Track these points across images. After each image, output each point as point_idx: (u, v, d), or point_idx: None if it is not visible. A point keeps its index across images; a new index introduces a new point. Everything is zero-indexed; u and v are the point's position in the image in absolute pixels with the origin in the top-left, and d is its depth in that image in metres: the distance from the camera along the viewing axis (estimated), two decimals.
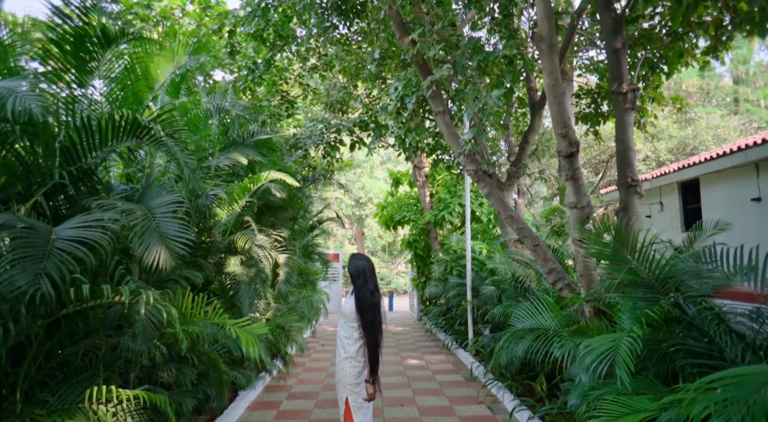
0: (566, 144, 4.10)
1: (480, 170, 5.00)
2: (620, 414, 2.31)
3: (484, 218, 12.74)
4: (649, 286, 2.90)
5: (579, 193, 4.21)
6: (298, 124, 11.75)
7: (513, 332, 4.27)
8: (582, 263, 4.32)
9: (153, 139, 3.19)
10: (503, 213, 4.98)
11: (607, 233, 3.10)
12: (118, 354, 3.06)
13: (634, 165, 4.54)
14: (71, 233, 2.40)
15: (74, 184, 3.12)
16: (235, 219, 5.84)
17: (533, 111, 7.68)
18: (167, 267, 2.95)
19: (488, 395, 6.12)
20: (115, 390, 2.48)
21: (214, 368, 4.50)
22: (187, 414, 4.17)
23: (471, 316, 8.66)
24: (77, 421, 2.40)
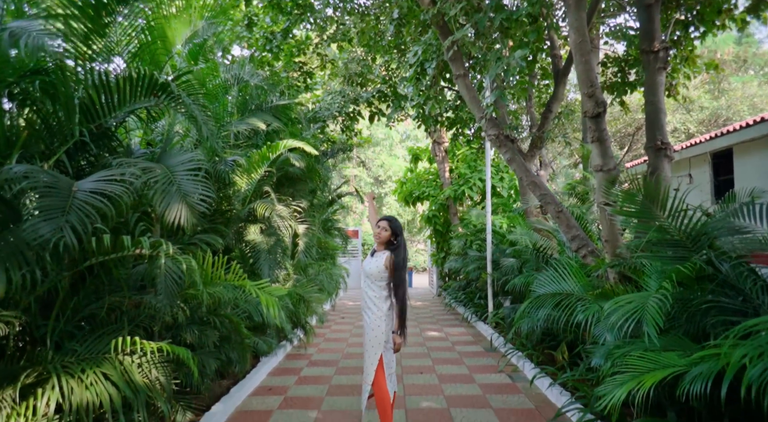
0: (593, 104, 3.95)
1: (501, 135, 4.87)
2: (647, 370, 2.24)
3: (505, 193, 12.56)
4: (679, 244, 2.79)
5: (605, 155, 4.07)
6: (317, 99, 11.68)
7: (535, 298, 4.21)
8: (607, 228, 4.21)
9: (171, 97, 3.17)
10: (526, 179, 4.86)
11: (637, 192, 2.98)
12: (141, 310, 3.11)
13: (664, 127, 4.36)
14: (92, 186, 2.41)
15: (95, 143, 3.13)
16: (254, 188, 5.86)
17: (557, 79, 7.42)
18: (188, 225, 2.95)
19: (508, 364, 6.10)
20: (140, 342, 2.52)
21: (235, 332, 4.57)
22: (210, 375, 4.26)
23: (491, 289, 8.61)
24: (105, 369, 2.45)
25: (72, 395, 2.32)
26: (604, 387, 2.33)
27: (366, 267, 3.67)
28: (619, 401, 2.18)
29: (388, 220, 3.70)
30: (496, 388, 5.20)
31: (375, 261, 3.64)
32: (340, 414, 4.42)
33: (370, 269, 3.63)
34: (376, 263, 3.62)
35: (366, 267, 3.67)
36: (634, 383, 2.20)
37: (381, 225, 3.69)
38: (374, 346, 3.55)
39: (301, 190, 7.62)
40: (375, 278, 3.60)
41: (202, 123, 3.18)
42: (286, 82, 7.55)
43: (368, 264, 3.68)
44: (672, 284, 2.50)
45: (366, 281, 3.68)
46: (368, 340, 3.58)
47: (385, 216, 3.74)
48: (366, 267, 3.67)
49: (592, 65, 3.94)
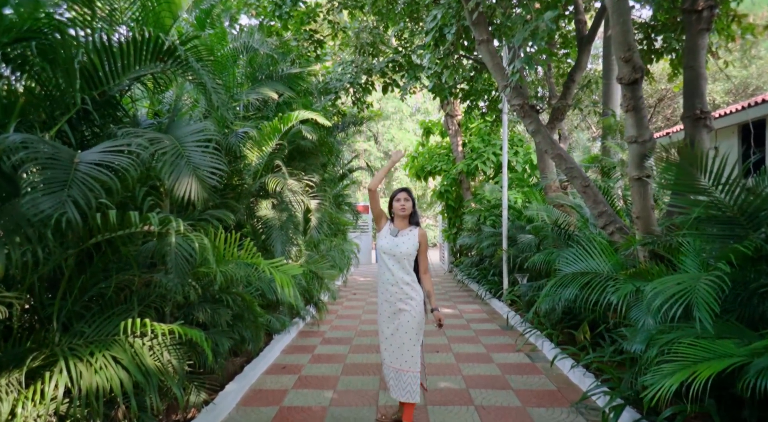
0: (629, 70, 3.65)
1: (526, 105, 4.59)
2: (701, 359, 2.05)
3: (519, 167, 12.25)
4: (733, 221, 2.56)
5: (641, 125, 3.79)
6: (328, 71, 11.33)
7: (560, 277, 4.01)
8: (640, 203, 3.97)
9: (178, 63, 2.94)
10: (551, 152, 4.60)
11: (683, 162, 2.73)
12: (152, 290, 2.96)
13: (704, 95, 4.07)
14: (96, 157, 2.22)
15: (99, 112, 2.93)
16: (265, 161, 5.65)
17: (581, 46, 7.05)
18: (199, 199, 2.77)
19: (526, 343, 5.97)
20: (150, 324, 2.37)
21: (248, 310, 4.44)
22: (223, 354, 4.15)
23: (506, 266, 8.43)
24: (114, 352, 2.31)
25: (81, 379, 2.19)
26: (650, 377, 2.15)
27: (395, 249, 3.29)
28: (670, 392, 2.01)
29: (406, 191, 3.39)
30: (516, 368, 5.08)
31: (405, 239, 3.31)
32: (355, 394, 4.32)
33: (402, 250, 3.28)
34: (410, 241, 3.30)
35: (395, 249, 3.29)
36: (686, 373, 2.01)
37: (402, 196, 3.36)
38: (418, 332, 3.30)
39: (313, 164, 7.40)
40: (407, 258, 3.28)
41: (212, 91, 2.96)
42: (296, 51, 7.24)
43: (397, 244, 3.30)
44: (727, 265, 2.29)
45: (395, 265, 3.30)
46: (409, 327, 3.26)
47: (403, 188, 3.43)
48: (394, 248, 3.29)
49: (630, 27, 3.63)
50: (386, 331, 3.33)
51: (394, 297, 3.30)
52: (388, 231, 3.40)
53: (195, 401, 3.65)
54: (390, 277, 3.31)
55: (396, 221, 3.43)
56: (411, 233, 3.35)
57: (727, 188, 2.52)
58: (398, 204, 3.36)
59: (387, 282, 3.33)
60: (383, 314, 3.38)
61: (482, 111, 11.06)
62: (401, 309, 3.27)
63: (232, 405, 4.09)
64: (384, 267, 3.37)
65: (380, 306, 3.42)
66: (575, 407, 3.97)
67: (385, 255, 3.34)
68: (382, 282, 3.39)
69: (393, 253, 3.29)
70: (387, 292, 3.33)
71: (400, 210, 3.34)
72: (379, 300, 3.43)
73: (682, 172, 2.67)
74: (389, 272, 3.31)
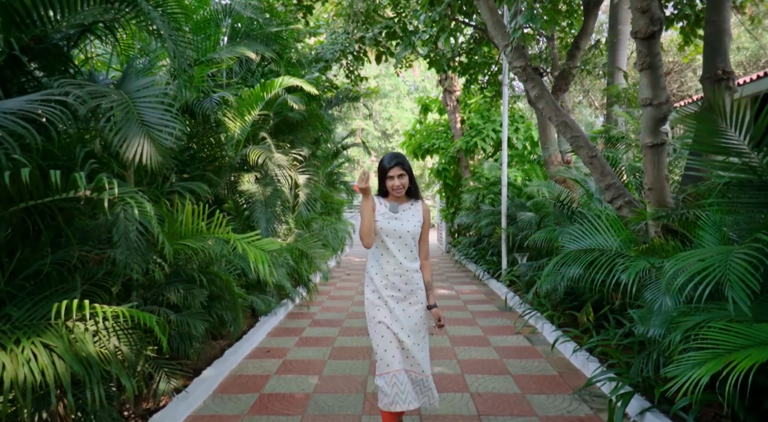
0: (647, 21, 3.25)
1: (529, 67, 4.18)
2: (737, 347, 1.72)
3: (519, 145, 11.82)
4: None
5: (657, 86, 3.40)
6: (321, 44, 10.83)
7: (564, 254, 3.67)
8: (652, 173, 3.60)
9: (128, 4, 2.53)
10: (555, 119, 4.21)
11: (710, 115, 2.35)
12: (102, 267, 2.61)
13: (727, 53, 3.67)
14: (13, 105, 1.84)
15: (37, 62, 2.53)
16: (248, 132, 5.26)
17: (587, 10, 6.58)
18: (154, 163, 2.41)
19: (525, 325, 5.67)
20: (88, 306, 2.02)
21: (226, 290, 4.11)
22: (199, 338, 3.83)
23: (505, 245, 8.11)
24: (47, 339, 1.97)
25: (3, 371, 1.85)
26: (675, 367, 1.82)
27: (400, 228, 2.66)
28: (701, 385, 1.67)
29: (400, 163, 2.64)
30: (514, 352, 4.78)
31: (407, 218, 2.69)
32: (342, 380, 4.02)
33: (409, 228, 2.67)
34: (413, 220, 2.69)
35: (400, 228, 2.66)
36: (720, 363, 1.68)
37: (395, 173, 2.63)
38: (425, 327, 2.75)
39: (303, 137, 7.00)
40: (412, 239, 2.68)
41: (168, 38, 2.55)
42: (283, 17, 6.76)
43: (399, 224, 2.67)
44: (758, 234, 1.93)
45: (402, 249, 2.67)
46: (418, 322, 2.70)
47: (393, 157, 2.66)
48: (399, 227, 2.66)
49: None
50: (401, 333, 2.63)
51: (404, 290, 2.67)
52: (384, 207, 2.71)
53: (165, 389, 3.34)
54: (395, 265, 2.67)
55: (391, 196, 2.75)
56: (413, 208, 2.75)
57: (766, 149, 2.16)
58: (392, 182, 2.64)
59: (392, 273, 2.67)
60: (388, 312, 2.66)
61: (482, 85, 10.60)
62: (413, 302, 2.69)
63: (208, 393, 3.78)
64: (386, 254, 2.69)
65: (379, 302, 2.69)
66: (578, 394, 3.67)
67: (388, 238, 2.66)
68: (382, 273, 2.69)
69: (399, 234, 2.65)
70: (392, 285, 2.67)
71: (397, 189, 2.66)
72: (376, 295, 2.71)
73: (705, 127, 2.29)
74: (393, 259, 2.67)
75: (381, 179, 2.70)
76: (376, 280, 2.70)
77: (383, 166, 2.66)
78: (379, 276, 2.70)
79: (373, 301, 2.70)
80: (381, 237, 2.68)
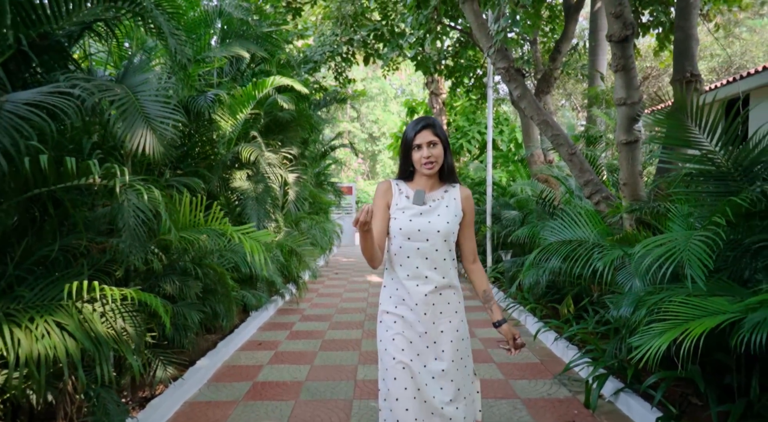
0: (620, 25, 3.47)
1: (512, 68, 4.39)
2: (693, 317, 1.92)
3: (504, 146, 12.11)
4: (726, 176, 2.41)
5: (630, 86, 3.63)
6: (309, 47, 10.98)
7: (545, 246, 3.87)
8: (627, 169, 3.83)
9: (132, 4, 2.67)
10: (537, 118, 4.42)
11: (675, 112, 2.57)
12: (106, 255, 2.73)
13: (695, 57, 3.92)
14: (27, 96, 1.97)
15: (41, 58, 2.65)
16: (240, 131, 5.38)
17: (568, 15, 6.85)
18: (156, 153, 2.54)
19: (510, 319, 5.87)
20: (99, 287, 2.15)
21: (220, 283, 4.23)
22: (193, 328, 3.94)
23: (490, 243, 8.32)
24: (58, 318, 2.09)
25: (19, 347, 1.97)
26: (639, 338, 2.01)
27: (427, 227, 1.83)
28: (660, 352, 1.87)
29: (430, 125, 1.84)
30: (498, 343, 4.97)
31: (439, 211, 1.86)
32: (333, 369, 4.16)
33: (435, 228, 1.83)
34: (448, 213, 1.86)
35: (427, 227, 1.83)
36: (677, 332, 1.88)
37: (424, 138, 1.81)
38: (468, 356, 1.95)
39: (292, 137, 7.14)
40: (444, 242, 1.84)
41: (169, 34, 2.69)
42: (272, 18, 6.91)
43: (426, 221, 1.84)
44: (722, 219, 2.14)
45: (429, 257, 1.83)
46: (456, 354, 1.87)
47: (420, 119, 1.86)
48: (425, 226, 1.83)
49: None
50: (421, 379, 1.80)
51: (431, 315, 1.84)
52: (405, 199, 1.88)
53: (162, 376, 3.45)
54: (419, 283, 1.84)
55: (418, 180, 1.91)
56: (448, 196, 1.91)
57: (721, 140, 2.37)
58: (420, 154, 1.82)
59: (414, 294, 1.83)
60: (404, 349, 1.82)
61: (467, 88, 10.85)
62: (444, 331, 1.86)
63: (203, 381, 3.90)
64: (404, 266, 1.85)
65: (394, 336, 1.84)
66: (558, 378, 3.87)
67: (410, 242, 1.84)
68: (398, 297, 1.87)
69: (426, 236, 1.82)
70: (413, 312, 1.84)
71: (427, 165, 1.82)
72: (391, 326, 1.86)
73: (674, 123, 2.51)
74: (416, 273, 1.83)
75: (405, 155, 1.88)
76: (389, 311, 1.88)
77: (407, 136, 1.85)
78: (391, 305, 1.88)
79: (384, 339, 1.88)
80: (398, 242, 1.86)
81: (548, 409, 3.32)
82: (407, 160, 1.88)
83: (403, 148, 1.90)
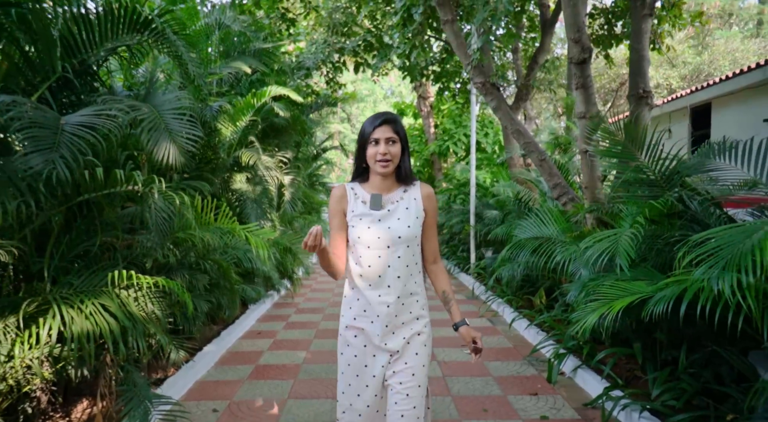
0: (578, 49, 3.97)
1: (488, 83, 4.89)
2: (616, 297, 2.41)
3: (489, 148, 12.63)
4: (654, 183, 2.92)
5: (588, 102, 4.14)
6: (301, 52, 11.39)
7: (516, 242, 4.38)
8: (588, 174, 4.34)
9: (155, 34, 3.10)
10: (510, 128, 4.92)
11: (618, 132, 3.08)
12: (133, 250, 3.17)
13: (647, 75, 4.43)
14: (80, 119, 2.41)
15: (78, 80, 3.08)
16: (239, 137, 5.82)
17: (544, 29, 7.37)
18: (177, 163, 2.98)
19: (489, 310, 6.37)
20: (135, 276, 2.59)
21: (224, 277, 4.67)
22: (201, 317, 4.39)
23: (473, 241, 8.82)
24: (103, 301, 2.52)
25: (73, 324, 2.40)
26: (577, 314, 2.51)
27: (384, 236, 1.72)
28: (590, 325, 2.36)
29: (390, 121, 1.71)
30: (477, 331, 5.46)
31: (399, 214, 1.75)
32: (329, 354, 4.62)
33: (396, 234, 1.73)
34: (409, 216, 1.76)
35: (384, 236, 1.72)
36: (604, 308, 2.37)
37: (382, 134, 1.69)
38: (425, 379, 1.82)
39: (287, 141, 7.59)
40: (407, 247, 1.75)
41: (188, 61, 3.13)
42: (268, 29, 7.34)
43: (386, 227, 1.73)
44: (645, 220, 2.65)
45: (391, 264, 1.74)
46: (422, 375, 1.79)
47: (380, 114, 1.73)
48: (382, 235, 1.72)
49: (580, 10, 3.94)
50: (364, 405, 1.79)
51: (391, 326, 1.75)
52: (360, 203, 1.76)
53: (175, 359, 3.88)
54: (381, 293, 1.74)
55: (373, 180, 1.78)
56: (408, 196, 1.79)
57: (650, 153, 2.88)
58: (376, 149, 1.69)
59: (376, 305, 1.74)
60: (357, 372, 1.80)
61: (454, 92, 11.35)
62: (410, 343, 1.79)
63: (211, 364, 4.34)
64: (365, 276, 1.75)
65: (344, 369, 1.83)
66: (527, 359, 4.38)
67: (370, 251, 1.73)
68: (358, 308, 1.79)
69: (387, 242, 1.72)
70: (374, 325, 1.76)
71: (382, 162, 1.69)
72: (351, 342, 1.82)
73: (614, 140, 3.02)
74: (377, 282, 1.74)
75: (363, 145, 1.73)
76: (344, 325, 1.85)
77: (365, 129, 1.72)
78: (348, 317, 1.83)
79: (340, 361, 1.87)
80: (358, 251, 1.75)
81: (516, 384, 3.82)
82: (362, 156, 1.74)
83: (359, 143, 1.75)
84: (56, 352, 2.52)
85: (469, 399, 3.55)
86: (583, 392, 3.61)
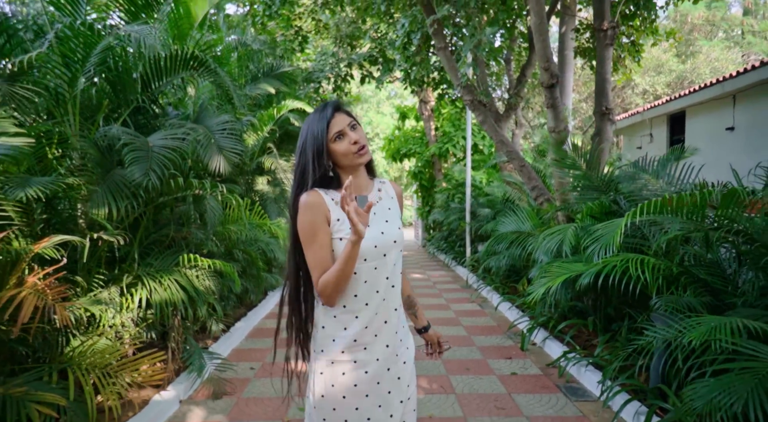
0: (548, 76, 4.80)
1: (476, 100, 5.72)
2: (559, 274, 3.25)
3: (486, 150, 13.45)
4: (598, 188, 3.75)
5: (557, 119, 4.96)
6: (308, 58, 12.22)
7: (497, 235, 5.22)
8: (557, 179, 5.17)
9: (207, 69, 3.96)
10: (495, 138, 5.76)
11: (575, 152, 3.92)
12: (190, 241, 4.03)
13: (609, 95, 5.25)
14: (161, 142, 3.26)
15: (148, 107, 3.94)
16: (261, 144, 6.68)
17: (531, 46, 8.17)
18: (226, 172, 3.83)
19: (479, 296, 7.22)
20: (198, 258, 3.45)
21: (252, 265, 5.53)
22: (233, 299, 5.25)
23: (469, 236, 9.67)
24: (176, 277, 3.38)
25: (156, 294, 3.27)
26: (531, 287, 3.35)
27: (382, 243, 1.46)
28: (539, 294, 3.20)
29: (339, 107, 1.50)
30: (468, 313, 6.31)
31: (385, 214, 1.55)
32: None
33: (391, 239, 1.49)
34: (394, 215, 1.57)
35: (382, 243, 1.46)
36: (550, 282, 3.21)
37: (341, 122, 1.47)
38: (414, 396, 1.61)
39: None
40: (399, 252, 1.55)
41: (233, 90, 3.98)
42: (282, 45, 8.18)
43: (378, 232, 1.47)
44: (585, 217, 3.48)
45: (388, 278, 1.50)
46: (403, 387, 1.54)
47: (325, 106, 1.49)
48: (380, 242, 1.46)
49: (548, 43, 4.76)
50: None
51: (394, 347, 1.52)
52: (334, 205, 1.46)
53: (215, 331, 4.75)
54: (378, 312, 1.48)
55: (345, 176, 1.49)
56: (385, 194, 1.61)
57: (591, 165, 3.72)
58: (347, 141, 1.46)
59: (381, 331, 1.48)
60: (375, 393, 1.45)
61: (453, 98, 12.17)
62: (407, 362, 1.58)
63: (243, 337, 5.20)
64: (360, 295, 1.46)
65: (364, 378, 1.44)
66: (506, 334, 5.22)
67: (365, 263, 1.45)
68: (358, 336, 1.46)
69: (382, 251, 1.47)
70: (381, 344, 1.48)
71: (361, 150, 1.48)
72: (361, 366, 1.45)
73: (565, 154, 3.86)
74: (376, 300, 1.47)
75: (319, 156, 1.45)
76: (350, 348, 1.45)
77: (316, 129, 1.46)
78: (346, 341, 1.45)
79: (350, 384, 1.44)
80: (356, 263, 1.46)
81: (495, 352, 4.66)
82: (323, 161, 1.45)
83: (314, 149, 1.45)
84: (143, 315, 3.38)
85: (455, 361, 4.39)
86: (549, 356, 4.45)
